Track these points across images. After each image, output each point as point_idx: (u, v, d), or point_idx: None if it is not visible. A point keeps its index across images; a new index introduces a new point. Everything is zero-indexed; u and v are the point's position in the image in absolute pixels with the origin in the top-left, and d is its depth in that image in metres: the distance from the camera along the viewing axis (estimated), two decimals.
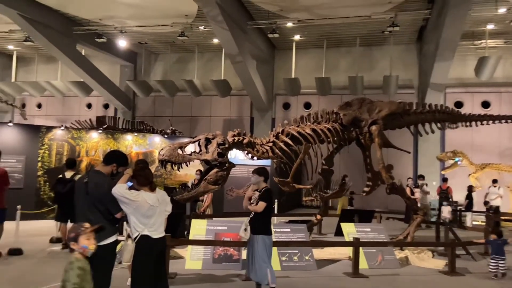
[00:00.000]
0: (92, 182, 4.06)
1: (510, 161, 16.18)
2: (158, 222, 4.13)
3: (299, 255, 7.25)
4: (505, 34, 16.35)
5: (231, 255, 7.07)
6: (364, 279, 6.71)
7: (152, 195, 4.11)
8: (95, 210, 4.00)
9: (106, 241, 3.98)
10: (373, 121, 9.33)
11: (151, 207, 4.05)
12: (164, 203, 4.24)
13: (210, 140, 7.57)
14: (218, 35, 15.48)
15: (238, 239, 7.23)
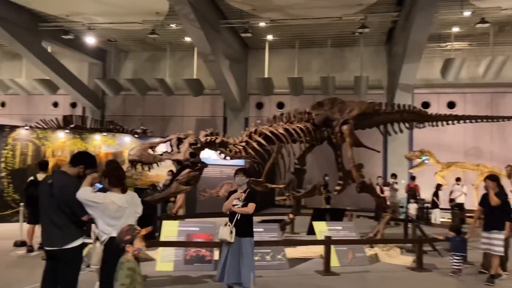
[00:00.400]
0: (57, 183, 3.92)
1: (474, 159, 16.79)
2: (121, 223, 3.92)
3: (272, 255, 7.26)
4: (469, 36, 16.95)
5: (204, 256, 7.00)
6: (335, 276, 6.80)
7: (121, 196, 3.99)
8: (60, 212, 3.87)
9: (72, 244, 3.87)
10: (344, 121, 9.46)
11: (119, 208, 3.90)
12: (133, 204, 4.09)
13: (182, 140, 7.46)
14: (190, 33, 15.34)
15: (211, 239, 7.20)
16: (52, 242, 3.91)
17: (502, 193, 6.85)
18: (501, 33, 16.44)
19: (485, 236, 6.77)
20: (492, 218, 6.72)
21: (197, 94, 18.41)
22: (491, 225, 6.70)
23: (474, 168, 15.06)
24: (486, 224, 6.81)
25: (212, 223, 7.70)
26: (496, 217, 6.70)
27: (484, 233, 6.80)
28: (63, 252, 3.84)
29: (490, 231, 6.69)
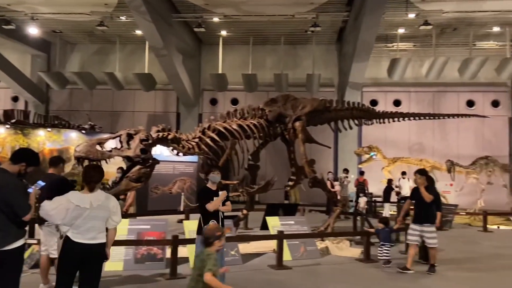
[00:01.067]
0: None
1: (417, 154, 17.71)
2: (85, 226, 3.78)
3: (225, 250, 7.23)
4: (414, 38, 17.81)
5: (155, 254, 6.86)
6: (287, 270, 6.91)
7: (84, 196, 3.86)
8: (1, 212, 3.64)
9: (12, 245, 3.68)
10: (297, 117, 9.63)
11: (76, 207, 3.76)
12: (101, 208, 3.87)
13: (132, 135, 7.27)
14: (141, 26, 14.94)
15: (163, 237, 7.07)
16: None
17: (432, 188, 7.08)
18: (443, 35, 17.42)
19: (415, 229, 6.88)
20: (424, 212, 6.84)
21: (148, 89, 17.97)
22: (423, 218, 6.82)
23: (418, 163, 15.86)
24: (417, 217, 6.91)
25: (164, 221, 7.57)
26: (428, 211, 6.84)
27: (415, 226, 6.90)
28: (3, 253, 3.66)
29: (422, 224, 6.81)
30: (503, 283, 6.56)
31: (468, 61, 16.16)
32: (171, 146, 7.96)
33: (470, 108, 18.97)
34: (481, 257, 8.31)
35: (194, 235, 7.30)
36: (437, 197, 7.34)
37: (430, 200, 6.79)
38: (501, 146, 18.88)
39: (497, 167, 15.73)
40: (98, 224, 3.87)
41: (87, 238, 3.80)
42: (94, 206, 3.84)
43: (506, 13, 14.72)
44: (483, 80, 18.31)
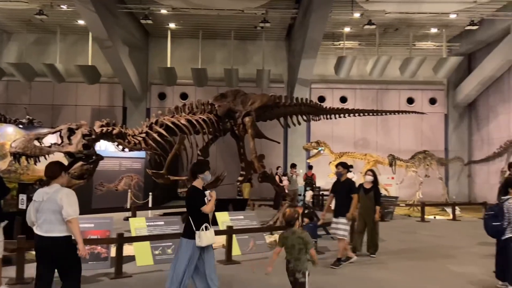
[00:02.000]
0: None
1: (362, 149, 18.44)
2: (41, 219, 3.94)
3: (173, 248, 7.13)
4: (359, 36, 18.46)
5: (99, 254, 6.61)
6: (236, 265, 6.95)
7: (40, 190, 4.08)
8: None
9: None
10: (247, 112, 9.67)
11: (33, 202, 4.03)
12: (50, 200, 3.93)
13: (74, 130, 6.96)
14: (83, 16, 14.27)
15: (108, 236, 6.83)
16: None
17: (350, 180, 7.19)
18: (385, 35, 18.22)
19: (334, 222, 7.01)
20: (339, 204, 6.95)
21: (92, 82, 17.19)
22: (338, 211, 6.92)
23: (362, 157, 16.52)
24: (336, 210, 7.00)
25: (109, 219, 7.31)
26: (341, 203, 6.90)
27: (334, 219, 7.02)
28: None
29: (338, 217, 6.90)
30: (439, 270, 7.01)
31: (408, 60, 17.03)
32: (116, 141, 7.72)
33: (410, 105, 20.02)
34: (419, 246, 8.83)
35: (140, 232, 7.18)
36: (377, 191, 7.70)
37: None
38: (438, 141, 20.14)
39: (434, 161, 16.77)
40: (49, 217, 3.93)
41: (43, 231, 3.94)
42: (45, 199, 3.95)
43: (442, 16, 15.66)
44: (422, 79, 19.39)
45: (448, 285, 6.07)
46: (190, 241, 4.53)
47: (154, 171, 8.60)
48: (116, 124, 7.88)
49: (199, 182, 4.73)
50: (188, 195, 4.72)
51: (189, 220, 4.63)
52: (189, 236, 4.56)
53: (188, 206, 4.69)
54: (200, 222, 4.55)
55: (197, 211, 4.57)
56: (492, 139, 18.41)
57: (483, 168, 18.11)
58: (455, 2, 14.83)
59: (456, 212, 13.69)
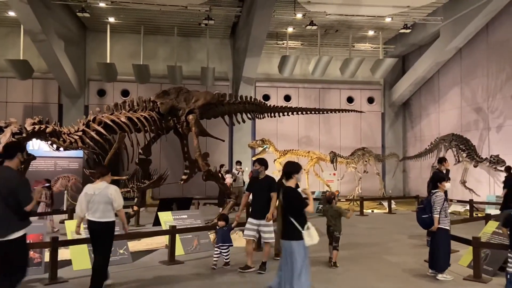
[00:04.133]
0: (2, 177, 4.09)
1: (305, 147, 18.91)
2: (93, 208, 5.25)
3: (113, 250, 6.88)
4: (301, 37, 18.90)
5: (32, 259, 6.22)
6: (179, 265, 6.86)
7: (91, 185, 5.44)
8: (5, 205, 4.04)
9: (13, 235, 4.05)
10: (190, 110, 9.56)
11: (85, 194, 5.33)
12: (101, 195, 5.26)
13: (3, 129, 6.52)
14: (14, 7, 13.31)
15: (41, 240, 6.45)
16: None
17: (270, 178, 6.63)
18: (326, 35, 18.81)
19: (253, 223, 6.38)
20: (260, 205, 6.36)
21: (24, 77, 16.08)
22: (261, 212, 6.29)
23: (306, 154, 16.94)
24: (256, 212, 6.40)
25: (42, 222, 6.91)
26: (263, 203, 6.31)
27: (252, 220, 6.40)
28: (6, 243, 4.05)
29: (260, 219, 6.31)
30: (376, 260, 7.38)
31: (348, 61, 17.70)
32: (49, 140, 7.32)
33: (350, 104, 20.84)
34: (357, 238, 9.24)
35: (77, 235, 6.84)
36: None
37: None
38: (376, 138, 21.16)
39: (372, 157, 17.61)
40: (101, 206, 5.25)
41: (96, 217, 5.26)
42: (96, 193, 5.27)
43: (379, 19, 16.45)
44: (360, 79, 20.26)
45: (384, 274, 6.41)
46: (300, 242, 4.50)
47: (91, 171, 8.25)
48: (50, 122, 7.47)
49: (293, 181, 4.74)
50: (287, 196, 4.61)
51: (289, 221, 4.55)
52: (297, 238, 4.51)
53: (290, 207, 4.60)
54: (303, 221, 4.55)
55: (300, 211, 4.56)
56: (424, 136, 19.68)
57: (416, 164, 19.30)
58: (390, 6, 15.62)
59: (392, 206, 14.49)
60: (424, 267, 6.53)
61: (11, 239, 4.06)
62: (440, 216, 6.04)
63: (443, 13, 16.18)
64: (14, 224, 4.11)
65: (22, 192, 4.15)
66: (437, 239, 6.08)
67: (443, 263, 6.08)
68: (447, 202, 6.25)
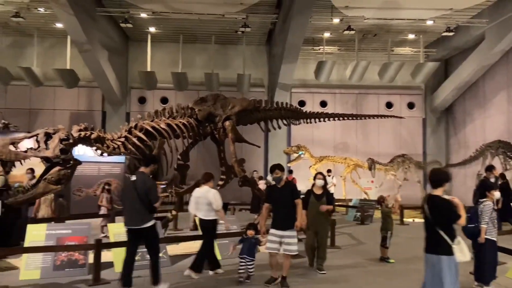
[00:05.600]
0: (139, 180, 5.58)
1: (342, 153, 18.63)
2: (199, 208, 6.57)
3: None
4: (339, 42, 18.72)
5: (76, 260, 6.50)
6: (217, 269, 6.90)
7: (199, 189, 6.76)
8: (140, 201, 5.48)
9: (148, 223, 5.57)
10: (227, 116, 9.68)
11: (194, 197, 6.66)
12: (204, 197, 6.51)
13: (51, 135, 6.83)
14: (61, 19, 14.06)
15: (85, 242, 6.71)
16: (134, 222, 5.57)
17: (292, 184, 6.42)
18: (365, 40, 18.52)
19: (275, 234, 5.97)
20: (284, 214, 5.95)
21: (71, 86, 16.89)
22: (286, 223, 5.92)
23: (342, 161, 16.70)
24: (280, 222, 5.96)
25: (87, 224, 7.19)
26: (287, 212, 5.96)
27: (275, 231, 5.98)
28: (144, 230, 5.56)
29: (285, 229, 5.92)
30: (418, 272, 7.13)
31: (387, 66, 17.34)
32: (94, 146, 7.61)
33: (389, 110, 20.36)
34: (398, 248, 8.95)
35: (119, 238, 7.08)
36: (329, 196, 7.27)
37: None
38: (416, 145, 20.52)
39: (412, 164, 17.11)
40: (205, 207, 6.49)
41: (202, 215, 6.54)
42: (201, 196, 6.51)
43: (419, 22, 16.02)
44: (400, 84, 19.76)
45: None
46: (451, 257, 4.11)
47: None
48: (95, 129, 7.78)
49: (442, 190, 4.35)
50: (436, 206, 4.24)
51: (437, 233, 4.18)
52: (447, 252, 4.11)
53: (439, 218, 4.21)
54: (453, 234, 4.17)
55: (452, 223, 4.19)
56: (468, 143, 18.88)
57: (460, 172, 18.54)
58: (431, 9, 15.20)
59: None
60: (469, 279, 6.24)
61: (147, 227, 5.54)
62: (488, 226, 5.77)
63: (488, 15, 15.53)
64: (147, 216, 5.55)
65: (153, 192, 5.55)
66: (484, 250, 5.81)
67: (489, 275, 5.80)
68: (495, 212, 5.97)
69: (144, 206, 5.49)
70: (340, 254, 8.26)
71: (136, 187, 5.51)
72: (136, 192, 5.48)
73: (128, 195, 5.59)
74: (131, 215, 5.58)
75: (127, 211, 5.64)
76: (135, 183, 5.55)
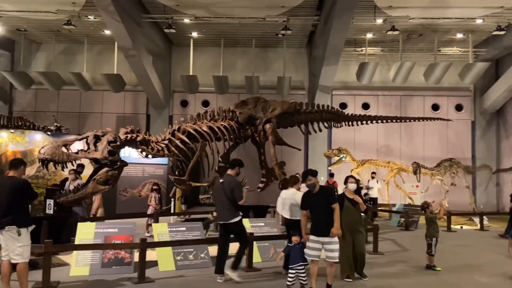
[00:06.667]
0: (226, 181, 6.46)
1: (385, 157, 18.16)
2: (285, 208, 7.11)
3: (195, 253, 7.20)
4: (381, 42, 18.27)
5: (123, 258, 6.73)
6: (257, 272, 6.93)
7: (285, 191, 7.30)
8: (227, 199, 6.32)
9: (235, 219, 6.36)
10: (267, 119, 9.69)
11: (281, 198, 7.26)
12: (290, 199, 6.98)
13: (100, 137, 7.13)
14: (109, 26, 14.62)
15: (131, 241, 6.94)
16: (223, 218, 6.42)
17: (329, 188, 6.50)
18: (409, 40, 17.96)
19: (316, 241, 5.80)
20: (325, 220, 5.78)
21: (117, 90, 17.59)
22: (326, 229, 5.74)
23: (385, 165, 16.25)
24: (317, 227, 5.82)
25: (133, 224, 7.44)
26: (327, 218, 5.78)
27: (315, 237, 5.81)
28: (231, 224, 6.37)
29: (323, 236, 5.74)
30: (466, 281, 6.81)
31: (433, 66, 16.71)
32: (140, 148, 7.85)
33: (435, 112, 19.62)
34: (444, 256, 8.60)
35: (163, 238, 7.27)
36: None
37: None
38: (464, 149, 19.62)
39: (460, 169, 16.36)
40: (292, 208, 6.86)
41: (287, 215, 7.01)
42: (287, 197, 7.00)
43: (468, 21, 15.33)
44: (447, 85, 19.00)
45: None
46: None
47: (176, 177, 8.71)
48: (140, 131, 8.03)
49: None
50: None
51: None
52: None
53: None
54: None
55: None
56: None
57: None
58: (481, 7, 14.51)
59: (484, 222, 13.27)
60: None
61: (233, 222, 6.31)
62: None
63: None
64: (234, 212, 6.35)
65: (237, 191, 6.31)
66: None
67: None
68: None
69: (231, 203, 6.30)
70: (383, 261, 8.03)
71: (224, 187, 6.37)
72: (223, 191, 6.34)
73: (218, 195, 6.49)
74: (221, 212, 6.50)
75: (218, 209, 6.62)
76: (223, 184, 6.43)
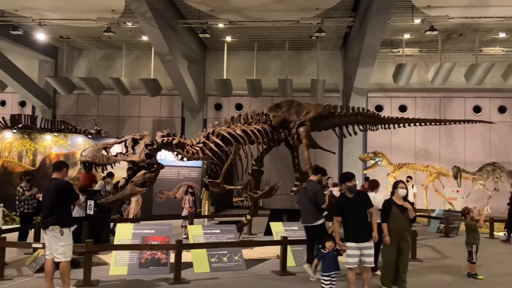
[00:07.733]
0: (308, 186, 6.86)
1: (423, 161, 17.61)
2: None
3: (229, 256, 7.25)
4: (419, 43, 17.77)
5: (159, 259, 6.87)
6: (291, 276, 6.89)
7: None
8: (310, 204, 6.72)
9: (318, 222, 6.75)
10: (301, 122, 9.63)
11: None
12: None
13: (138, 140, 7.33)
14: (147, 32, 15.03)
15: (167, 242, 7.08)
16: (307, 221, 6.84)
17: (363, 193, 6.40)
18: (449, 40, 17.37)
19: (354, 247, 5.67)
20: (362, 225, 5.72)
21: (154, 94, 18.05)
22: (365, 234, 5.69)
23: (424, 169, 15.76)
24: (354, 233, 5.69)
25: (168, 225, 7.59)
26: (364, 223, 5.75)
27: (352, 244, 5.67)
28: (315, 227, 6.74)
29: (365, 241, 5.67)
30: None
31: (475, 67, 16.08)
32: (175, 151, 8.01)
33: (477, 114, 18.86)
34: (486, 264, 8.23)
35: (198, 240, 7.37)
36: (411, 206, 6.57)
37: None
38: (508, 152, 18.73)
39: (504, 174, 15.63)
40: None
41: None
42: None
43: (511, 19, 14.65)
44: (489, 86, 18.21)
45: None
46: None
47: (210, 180, 8.81)
48: (176, 135, 8.19)
49: None
50: None
51: None
52: None
53: None
54: None
55: None
56: None
57: None
58: None
59: None
60: None
61: (317, 224, 6.69)
62: None
63: None
64: (316, 215, 6.72)
65: (319, 195, 6.67)
66: None
67: None
68: None
69: (313, 207, 6.66)
70: (422, 268, 7.77)
71: (306, 192, 6.73)
72: (306, 196, 6.71)
73: (302, 199, 6.86)
74: (304, 215, 6.87)
75: (302, 212, 6.96)
76: (306, 189, 6.79)
